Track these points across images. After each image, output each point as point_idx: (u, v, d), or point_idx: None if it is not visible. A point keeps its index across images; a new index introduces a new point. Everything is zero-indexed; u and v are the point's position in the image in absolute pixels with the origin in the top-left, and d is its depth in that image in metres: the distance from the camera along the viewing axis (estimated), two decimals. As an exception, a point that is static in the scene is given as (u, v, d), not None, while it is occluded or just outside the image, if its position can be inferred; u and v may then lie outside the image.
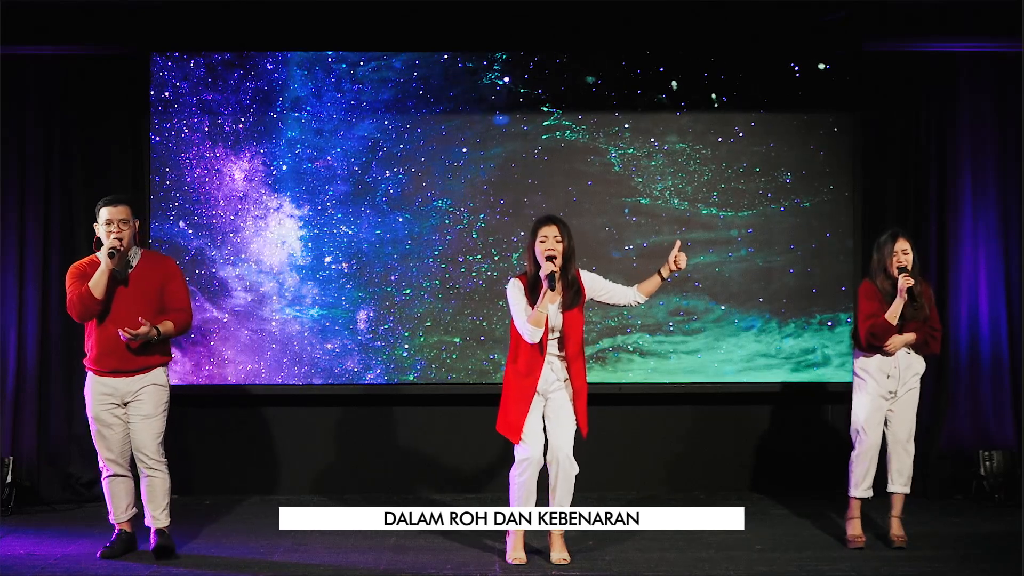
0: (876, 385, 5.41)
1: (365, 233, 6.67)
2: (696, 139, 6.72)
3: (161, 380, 5.15)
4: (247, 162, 6.66)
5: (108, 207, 5.04)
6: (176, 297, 5.17)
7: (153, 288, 5.12)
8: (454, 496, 6.59)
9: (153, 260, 5.22)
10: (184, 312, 5.19)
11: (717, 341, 6.70)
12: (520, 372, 5.01)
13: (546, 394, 5.04)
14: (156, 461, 5.12)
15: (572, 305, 5.01)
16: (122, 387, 5.09)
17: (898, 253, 5.39)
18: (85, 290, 4.99)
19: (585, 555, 5.22)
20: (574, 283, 5.02)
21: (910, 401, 5.45)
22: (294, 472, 6.74)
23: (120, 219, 5.03)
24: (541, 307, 4.87)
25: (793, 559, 5.18)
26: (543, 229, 4.99)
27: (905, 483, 5.44)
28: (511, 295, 5.04)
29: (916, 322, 5.41)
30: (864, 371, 5.46)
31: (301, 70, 6.67)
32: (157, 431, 5.13)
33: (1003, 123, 6.74)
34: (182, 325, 5.20)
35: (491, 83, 6.68)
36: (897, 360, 5.41)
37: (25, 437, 6.50)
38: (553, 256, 4.91)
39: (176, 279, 5.21)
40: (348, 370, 6.65)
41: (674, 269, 5.06)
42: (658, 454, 6.81)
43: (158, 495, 5.14)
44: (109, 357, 5.07)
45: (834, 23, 6.61)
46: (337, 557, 5.22)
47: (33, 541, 5.56)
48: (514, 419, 4.99)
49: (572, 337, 5.02)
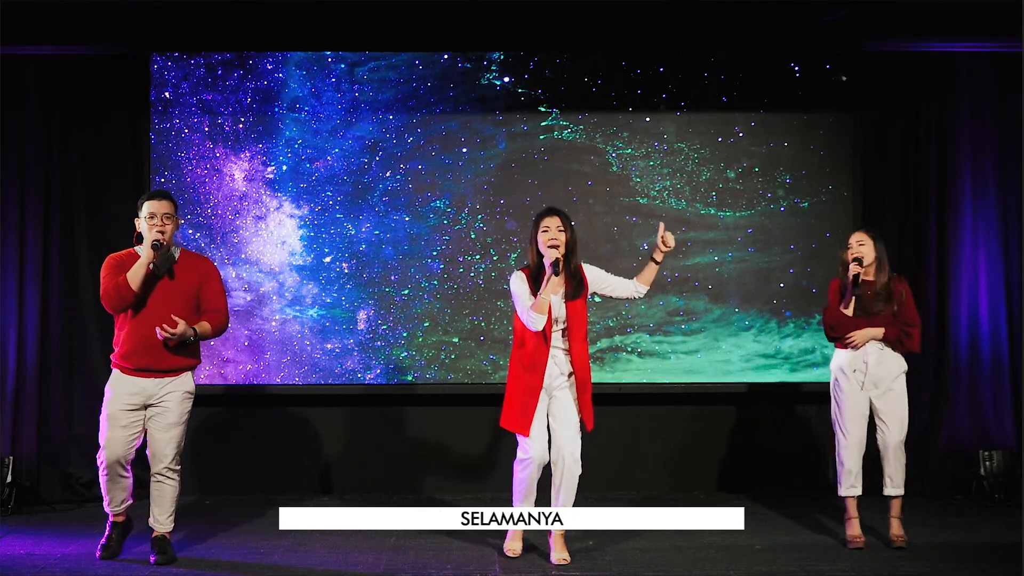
0: (848, 381, 5.43)
1: (365, 233, 6.67)
2: (696, 139, 6.72)
3: (189, 387, 5.08)
4: (247, 162, 6.66)
5: (152, 200, 4.98)
6: (213, 297, 5.12)
7: (191, 287, 5.07)
8: (454, 496, 6.59)
9: (192, 259, 5.16)
10: (221, 313, 5.13)
11: (716, 341, 6.70)
12: (525, 366, 5.04)
13: (551, 390, 5.07)
14: (170, 469, 5.07)
15: (575, 296, 5.06)
16: (149, 388, 5.00)
17: (852, 245, 5.44)
18: (122, 280, 4.91)
19: (585, 555, 5.22)
20: (577, 274, 5.08)
21: (895, 403, 5.42)
22: (294, 472, 6.74)
23: (164, 213, 4.97)
24: (544, 293, 4.92)
25: (793, 559, 5.18)
26: (545, 220, 5.04)
27: (899, 486, 5.44)
28: (515, 286, 5.08)
29: (885, 316, 5.41)
30: (837, 367, 5.49)
31: (301, 70, 6.67)
32: (178, 441, 5.07)
33: (1003, 123, 6.74)
34: (218, 326, 5.14)
35: (491, 83, 6.68)
36: (867, 355, 5.40)
37: (25, 437, 6.50)
38: (556, 245, 4.98)
39: (214, 279, 5.15)
40: (348, 370, 6.65)
41: (664, 249, 5.12)
42: (658, 454, 6.82)
43: (166, 501, 5.10)
44: (142, 355, 4.98)
45: (834, 23, 6.60)
46: (337, 557, 5.22)
47: (33, 541, 5.55)
48: (520, 414, 5.02)
49: (576, 328, 5.05)
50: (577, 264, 5.09)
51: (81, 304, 6.60)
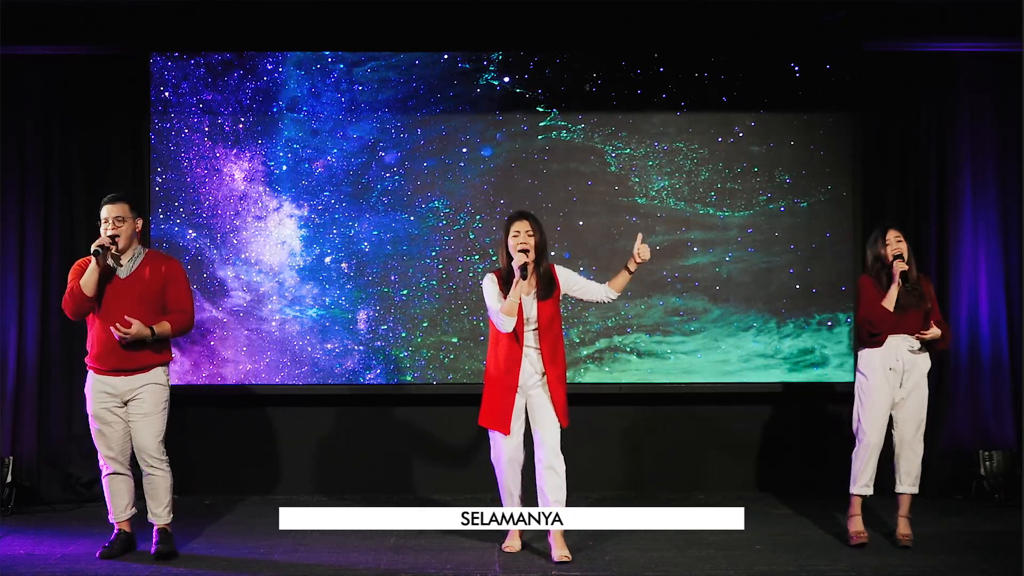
0: (879, 381, 5.41)
1: (364, 233, 6.67)
2: (696, 139, 6.72)
3: (161, 380, 5.15)
4: (247, 162, 6.66)
5: (105, 205, 5.09)
6: (177, 298, 5.17)
7: (153, 288, 5.11)
8: (454, 496, 6.59)
9: (156, 260, 5.20)
10: (185, 313, 5.18)
11: (716, 341, 6.70)
12: (500, 366, 5.15)
13: (526, 389, 5.16)
14: (157, 460, 5.13)
15: (546, 296, 5.16)
16: (121, 386, 5.08)
17: (891, 242, 5.46)
18: (76, 286, 5.01)
19: (585, 555, 5.22)
20: (547, 275, 5.18)
21: (917, 401, 5.45)
22: (294, 472, 6.75)
23: (115, 216, 5.05)
24: (513, 295, 5.03)
25: (793, 559, 5.18)
26: (515, 224, 5.16)
27: (913, 483, 5.45)
28: (486, 288, 5.19)
29: (917, 313, 5.42)
30: (867, 367, 5.47)
31: (301, 70, 6.67)
32: (157, 430, 5.13)
33: (1003, 123, 6.74)
34: (181, 326, 5.19)
35: (490, 83, 6.68)
36: (899, 353, 5.42)
37: (25, 437, 6.51)
38: (526, 249, 5.07)
39: (178, 280, 5.19)
40: (348, 370, 6.65)
41: (639, 261, 5.17)
42: (658, 454, 6.81)
43: (160, 492, 5.16)
44: (109, 356, 5.06)
45: (834, 23, 6.61)
46: (337, 557, 5.22)
47: (33, 541, 5.56)
48: (499, 412, 5.13)
49: (547, 328, 5.14)
50: (549, 265, 5.21)
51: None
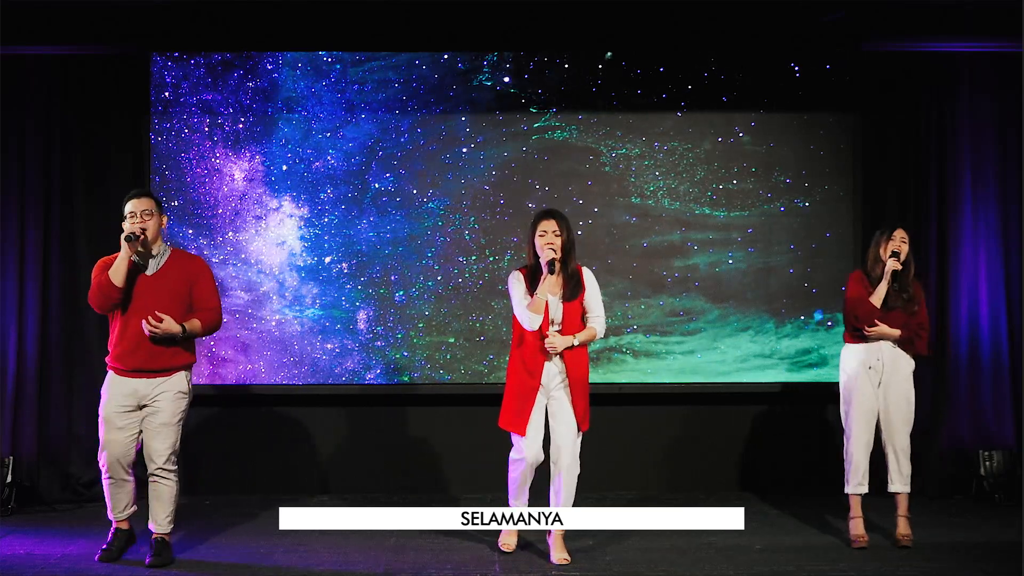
0: (862, 378, 5.44)
1: (364, 233, 6.67)
2: (695, 139, 6.72)
3: (183, 387, 5.07)
4: (247, 162, 6.66)
5: (131, 200, 5.05)
6: (205, 296, 5.13)
7: (181, 286, 5.07)
8: (454, 496, 6.59)
9: (183, 259, 5.17)
10: (213, 311, 5.14)
11: (715, 341, 6.70)
12: (524, 366, 5.07)
13: (549, 390, 5.10)
14: (166, 469, 5.06)
15: (572, 297, 5.08)
16: (142, 389, 5.00)
17: (895, 239, 5.48)
18: (105, 278, 4.94)
19: (585, 555, 5.22)
20: (574, 276, 5.09)
21: (903, 402, 5.46)
22: (294, 472, 6.75)
23: (142, 210, 5.02)
24: (540, 293, 4.96)
25: (793, 559, 5.18)
26: (542, 223, 5.08)
27: (904, 482, 5.46)
28: (512, 285, 5.11)
29: (903, 315, 5.43)
30: (850, 364, 5.50)
31: (301, 70, 6.67)
32: (172, 441, 5.05)
33: (1003, 123, 6.74)
34: (210, 324, 5.14)
35: (490, 83, 6.68)
36: (880, 352, 5.44)
37: (25, 437, 6.50)
38: (553, 248, 5.01)
39: (205, 278, 5.16)
40: (348, 370, 6.65)
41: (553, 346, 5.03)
42: (658, 454, 6.81)
43: (164, 501, 5.09)
44: (132, 355, 4.98)
45: (834, 23, 6.60)
46: (337, 557, 5.22)
47: (33, 541, 5.56)
48: (516, 413, 5.07)
49: (572, 329, 5.07)
50: (576, 266, 5.12)
51: (81, 304, 6.56)
